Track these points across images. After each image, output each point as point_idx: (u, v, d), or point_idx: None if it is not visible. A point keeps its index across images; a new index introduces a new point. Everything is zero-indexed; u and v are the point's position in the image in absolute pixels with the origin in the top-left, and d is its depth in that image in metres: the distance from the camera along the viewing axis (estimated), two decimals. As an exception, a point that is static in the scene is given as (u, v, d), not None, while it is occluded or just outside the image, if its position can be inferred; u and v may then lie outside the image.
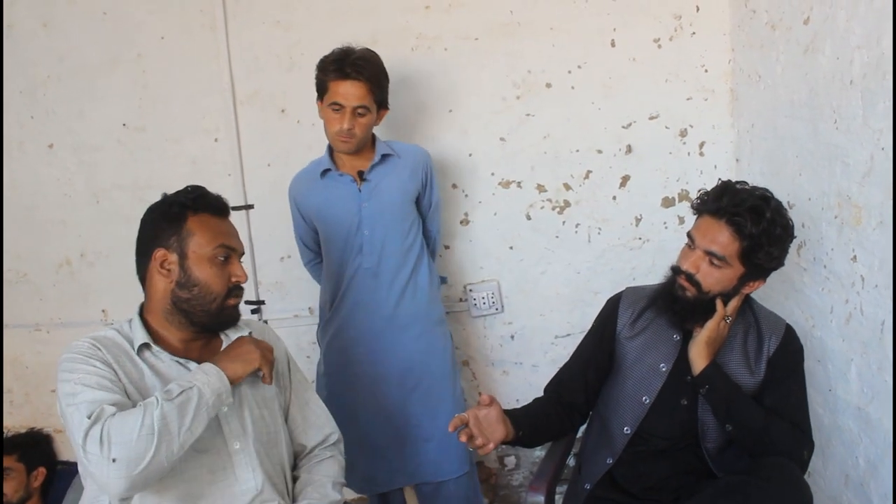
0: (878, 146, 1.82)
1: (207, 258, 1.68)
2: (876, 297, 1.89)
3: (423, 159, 2.54)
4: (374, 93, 2.32)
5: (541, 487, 1.97)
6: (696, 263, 1.86)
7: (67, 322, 3.15)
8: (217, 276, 1.69)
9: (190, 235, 1.67)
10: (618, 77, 2.83)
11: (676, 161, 2.86)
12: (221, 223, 1.73)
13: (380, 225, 2.43)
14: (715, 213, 1.84)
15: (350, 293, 2.47)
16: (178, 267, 1.67)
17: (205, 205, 1.71)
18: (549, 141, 2.89)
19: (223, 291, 1.70)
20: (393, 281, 2.46)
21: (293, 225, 2.62)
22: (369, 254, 2.43)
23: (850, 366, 2.06)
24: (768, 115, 2.50)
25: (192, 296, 1.68)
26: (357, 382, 2.49)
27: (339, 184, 2.43)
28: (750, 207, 1.80)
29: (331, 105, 2.31)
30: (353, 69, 2.27)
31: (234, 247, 1.73)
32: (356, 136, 2.34)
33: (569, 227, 2.95)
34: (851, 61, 1.92)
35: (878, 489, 1.96)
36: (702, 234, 1.86)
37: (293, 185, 2.56)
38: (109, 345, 1.65)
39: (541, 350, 3.07)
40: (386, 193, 2.43)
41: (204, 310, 1.69)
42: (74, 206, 3.04)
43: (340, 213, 2.43)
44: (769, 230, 1.79)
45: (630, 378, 2.03)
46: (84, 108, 2.96)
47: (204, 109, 2.91)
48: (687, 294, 1.88)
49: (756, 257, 1.81)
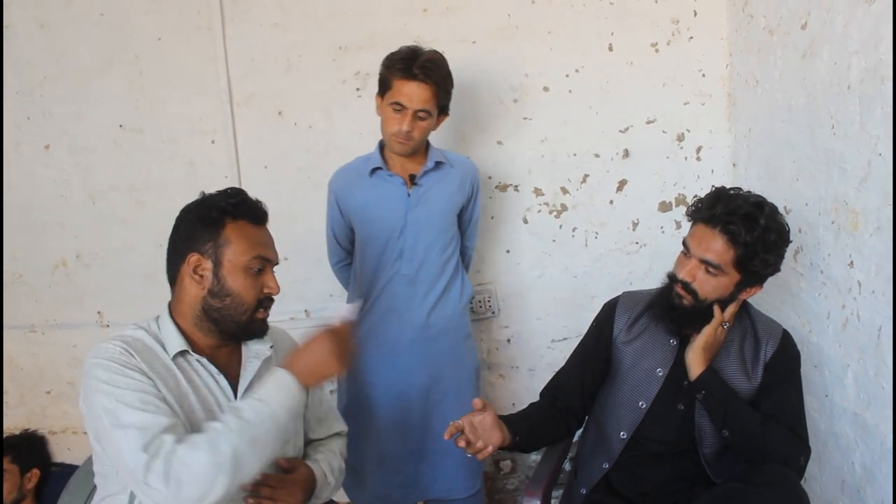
0: (875, 152, 1.82)
1: (242, 268, 1.63)
2: (873, 303, 1.89)
3: (473, 172, 2.51)
4: (438, 97, 2.26)
5: (537, 492, 1.97)
6: (693, 272, 1.85)
7: (63, 324, 3.13)
8: (250, 288, 1.64)
9: (227, 243, 1.62)
10: (615, 81, 2.83)
11: (674, 165, 2.86)
12: (260, 232, 1.69)
13: (424, 232, 2.37)
14: (709, 221, 1.83)
15: (383, 299, 2.41)
16: (211, 274, 1.63)
17: (245, 212, 1.66)
18: (547, 145, 2.89)
19: (254, 303, 1.66)
20: (429, 291, 2.40)
21: (328, 222, 2.55)
22: (409, 260, 2.37)
23: (846, 371, 2.05)
24: (766, 120, 2.51)
25: (224, 305, 1.63)
26: (380, 391, 2.44)
27: (389, 184, 2.37)
28: (744, 215, 1.79)
29: (392, 104, 2.24)
30: (421, 71, 2.20)
31: (270, 258, 1.69)
32: (414, 139, 2.28)
33: (566, 231, 2.95)
34: (849, 66, 1.92)
35: (875, 495, 1.96)
36: (697, 242, 1.85)
37: (336, 180, 2.47)
38: (141, 348, 1.60)
39: (537, 354, 3.07)
40: (434, 202, 2.38)
41: (234, 320, 1.65)
42: (70, 208, 3.03)
43: (385, 215, 2.36)
44: (764, 237, 1.78)
45: (626, 383, 2.02)
46: (81, 109, 2.94)
47: (201, 111, 2.90)
48: (684, 302, 1.88)
49: (752, 265, 1.81)
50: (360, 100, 2.86)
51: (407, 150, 2.31)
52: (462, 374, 2.50)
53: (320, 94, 2.86)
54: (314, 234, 2.95)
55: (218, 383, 1.67)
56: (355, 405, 2.47)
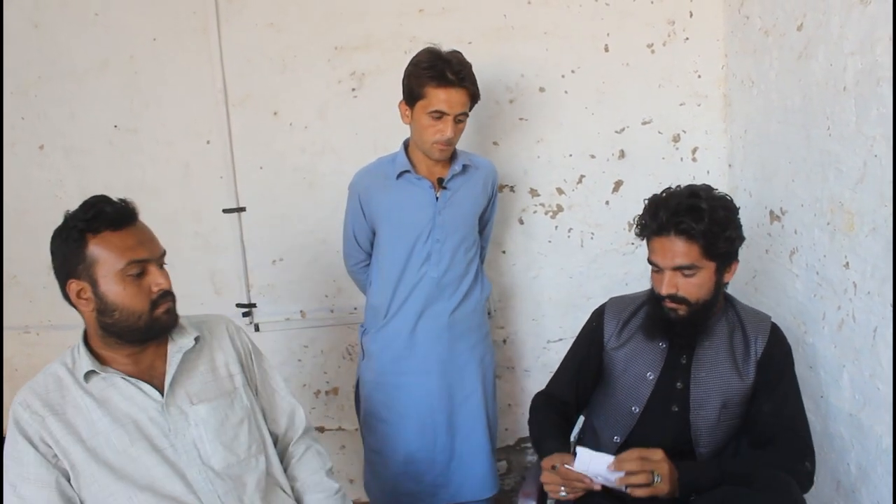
0: (871, 153, 1.83)
1: (118, 279, 1.59)
2: (868, 304, 1.89)
3: (494, 174, 2.51)
4: (472, 98, 2.27)
5: (533, 493, 1.97)
6: (672, 282, 1.86)
7: (57, 325, 3.12)
8: (134, 295, 1.61)
9: (95, 261, 1.58)
10: (611, 82, 2.83)
11: (669, 166, 2.86)
12: (126, 236, 1.61)
13: (451, 235, 2.36)
14: (660, 231, 1.85)
15: (412, 301, 2.39)
16: (92, 294, 1.60)
17: (103, 223, 1.59)
18: (543, 145, 2.89)
19: (147, 306, 1.63)
20: (454, 293, 2.41)
21: (348, 223, 2.50)
22: (437, 263, 2.36)
23: (842, 372, 2.06)
24: (761, 121, 2.51)
25: (115, 320, 1.61)
26: (404, 392, 2.43)
27: (417, 188, 2.35)
28: (686, 209, 1.81)
29: (431, 113, 2.21)
30: (456, 76, 2.18)
31: (144, 257, 1.62)
32: (453, 144, 2.29)
33: (561, 232, 2.95)
34: (845, 68, 1.92)
35: (870, 496, 1.96)
36: (661, 255, 1.86)
37: (360, 181, 2.43)
38: (51, 390, 1.63)
39: (533, 355, 3.07)
40: (461, 204, 2.38)
41: (132, 328, 1.63)
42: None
43: (414, 218, 2.35)
44: (714, 218, 1.80)
45: (619, 388, 2.03)
46: (75, 109, 2.93)
47: (196, 112, 2.89)
48: (680, 313, 1.88)
49: (718, 248, 1.82)
50: (355, 100, 2.85)
51: (447, 155, 2.31)
52: (487, 373, 2.52)
53: (316, 94, 2.86)
54: (309, 235, 2.96)
55: (141, 389, 1.67)
56: (381, 408, 2.46)
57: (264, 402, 1.89)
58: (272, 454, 1.85)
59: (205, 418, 1.71)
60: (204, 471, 1.68)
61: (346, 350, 3.06)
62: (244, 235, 2.97)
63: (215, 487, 1.68)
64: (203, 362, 1.79)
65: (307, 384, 3.10)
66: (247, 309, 3.01)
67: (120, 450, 1.62)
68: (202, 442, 1.70)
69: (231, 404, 1.78)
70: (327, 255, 2.95)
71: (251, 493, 1.74)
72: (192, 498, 1.66)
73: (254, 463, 1.78)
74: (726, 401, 1.93)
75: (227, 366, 1.83)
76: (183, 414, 1.70)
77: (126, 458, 1.62)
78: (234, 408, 1.78)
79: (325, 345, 3.07)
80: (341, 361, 3.09)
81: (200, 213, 2.95)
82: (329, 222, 2.88)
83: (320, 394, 3.12)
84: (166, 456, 1.66)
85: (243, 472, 1.74)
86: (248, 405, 1.82)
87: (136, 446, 1.63)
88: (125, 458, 1.62)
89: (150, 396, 1.68)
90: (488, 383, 2.53)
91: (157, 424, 1.67)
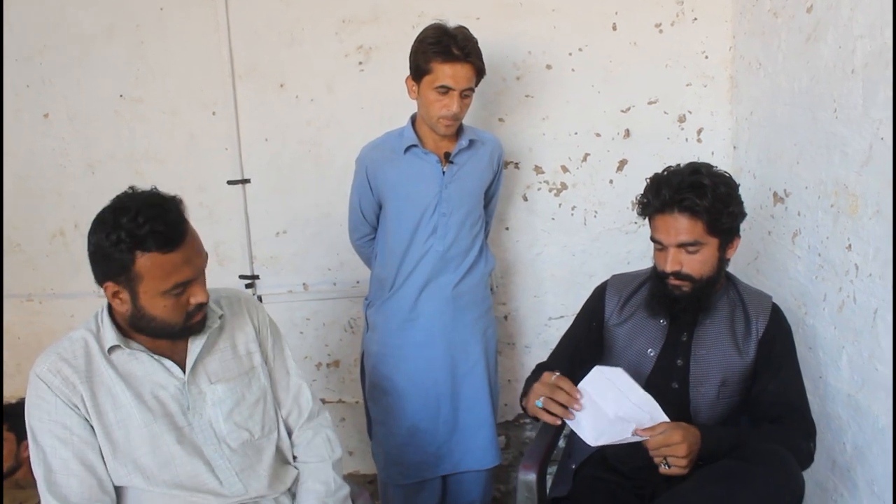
0: (877, 136, 1.83)
1: (161, 296, 1.57)
2: (869, 286, 1.91)
3: (499, 150, 2.53)
4: (479, 73, 2.28)
5: (533, 466, 1.99)
6: (677, 259, 1.87)
7: (60, 293, 3.14)
8: (173, 310, 1.60)
9: (140, 279, 1.54)
10: (618, 61, 2.83)
11: (674, 147, 2.87)
12: (174, 258, 1.55)
13: (456, 209, 2.38)
14: (663, 209, 1.86)
15: (417, 274, 2.42)
16: (130, 303, 1.58)
17: (154, 242, 1.52)
18: (548, 123, 2.89)
19: (182, 318, 1.62)
20: (459, 265, 2.44)
21: (354, 197, 2.51)
22: (443, 237, 2.38)
23: (841, 353, 2.07)
24: (767, 103, 2.51)
25: (149, 326, 1.61)
26: (410, 364, 2.46)
27: (424, 162, 2.37)
28: (689, 185, 1.83)
29: (437, 88, 2.23)
30: (461, 51, 2.19)
31: (189, 278, 1.59)
32: (459, 119, 2.31)
33: (565, 210, 2.96)
34: (853, 50, 1.93)
35: (865, 475, 1.98)
36: (664, 232, 1.87)
37: (367, 155, 2.44)
38: (79, 356, 1.63)
39: (534, 331, 3.09)
40: (467, 179, 2.40)
41: (166, 332, 1.64)
42: (69, 177, 3.02)
43: (421, 192, 2.37)
44: (716, 195, 1.82)
45: (619, 364, 2.03)
46: (80, 77, 2.93)
47: (202, 82, 2.89)
48: (684, 290, 1.90)
49: (721, 224, 1.84)
50: (362, 74, 2.85)
51: (453, 130, 2.33)
52: (489, 346, 2.55)
53: (322, 67, 2.86)
54: (313, 208, 2.97)
55: (164, 366, 1.68)
56: (384, 380, 2.49)
57: (273, 381, 1.89)
58: (283, 430, 1.86)
59: (222, 398, 1.73)
60: (220, 448, 1.71)
61: (349, 323, 3.08)
62: (248, 207, 2.99)
63: (232, 465, 1.71)
64: (224, 341, 1.79)
65: (309, 356, 3.12)
66: (249, 281, 3.02)
67: (142, 425, 1.64)
68: (217, 421, 1.71)
69: (248, 384, 1.79)
70: (331, 229, 2.96)
71: (266, 469, 1.76)
72: (210, 476, 1.69)
73: (267, 441, 1.80)
74: (726, 378, 1.95)
75: (247, 344, 1.83)
76: (202, 393, 1.71)
77: (147, 433, 1.64)
78: (251, 387, 1.80)
79: (327, 317, 3.09)
80: (343, 334, 3.11)
81: (205, 184, 2.96)
82: (333, 196, 2.89)
83: (321, 366, 3.15)
84: (185, 433, 1.68)
85: (258, 450, 1.77)
86: (265, 384, 1.84)
87: (158, 423, 1.65)
88: (146, 434, 1.64)
89: (172, 374, 1.69)
90: (491, 357, 2.56)
91: (177, 402, 1.69)
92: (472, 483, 2.59)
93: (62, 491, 1.58)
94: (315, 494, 1.81)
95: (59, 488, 1.58)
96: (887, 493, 1.87)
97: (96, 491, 1.60)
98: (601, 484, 1.99)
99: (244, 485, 1.71)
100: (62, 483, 1.58)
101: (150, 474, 1.64)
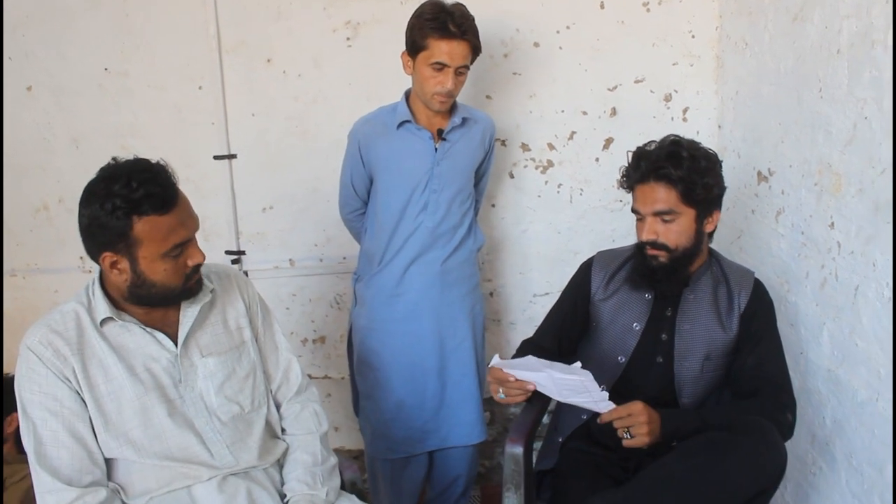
0: (861, 115, 1.86)
1: (160, 259, 1.58)
2: (851, 263, 1.94)
3: (492, 128, 2.54)
4: (474, 50, 2.28)
5: (519, 439, 2.00)
6: (653, 229, 1.92)
7: (44, 268, 3.12)
8: (173, 273, 1.61)
9: (138, 243, 1.55)
10: (605, 39, 2.84)
11: (660, 126, 2.88)
12: (171, 219, 1.57)
13: (447, 186, 2.39)
14: (642, 179, 1.92)
15: (406, 250, 2.42)
16: (130, 270, 1.59)
17: (150, 206, 1.53)
18: (535, 100, 2.90)
19: (181, 281, 1.64)
20: (448, 241, 2.44)
21: (346, 171, 2.50)
22: (433, 213, 2.39)
23: (822, 330, 2.11)
24: (753, 83, 2.53)
25: (150, 293, 1.62)
26: (398, 339, 2.47)
27: (417, 138, 2.37)
28: (666, 156, 1.88)
29: (433, 64, 2.23)
30: (458, 28, 2.19)
31: (186, 238, 1.62)
32: (454, 96, 2.31)
33: (551, 187, 2.97)
34: (840, 31, 1.95)
35: (843, 448, 2.03)
36: (642, 202, 1.93)
37: (360, 129, 2.44)
38: (70, 329, 1.63)
39: (519, 308, 3.11)
40: (460, 156, 2.41)
41: (165, 297, 1.65)
42: (53, 151, 3.00)
43: (412, 168, 2.38)
44: (693, 166, 1.87)
45: (605, 338, 2.08)
46: (64, 50, 2.90)
47: (188, 56, 2.87)
48: (661, 260, 1.94)
49: (696, 194, 1.88)
50: (349, 49, 2.84)
51: (447, 106, 2.33)
52: (477, 322, 2.57)
53: (310, 42, 2.84)
54: (300, 184, 2.96)
55: (156, 338, 1.69)
56: (372, 354, 2.50)
57: (262, 356, 1.91)
58: (272, 405, 1.88)
59: (213, 371, 1.74)
60: (211, 421, 1.72)
61: (335, 299, 3.09)
62: (235, 183, 2.98)
63: (223, 437, 1.72)
64: (214, 315, 1.80)
65: (295, 332, 3.13)
66: (236, 256, 3.02)
67: (133, 397, 1.64)
68: (209, 394, 1.73)
69: (239, 358, 1.81)
70: (317, 204, 2.96)
71: (256, 441, 1.78)
72: (202, 447, 1.70)
73: (257, 415, 1.81)
74: (709, 353, 1.98)
75: (237, 319, 1.84)
76: (193, 366, 1.73)
77: (139, 405, 1.65)
78: (241, 362, 1.81)
79: (313, 293, 3.10)
80: (329, 310, 3.11)
81: (191, 159, 2.94)
82: (320, 171, 2.89)
83: (307, 342, 3.16)
84: (176, 406, 1.69)
85: (248, 423, 1.78)
86: (255, 359, 1.85)
87: (149, 395, 1.66)
88: (138, 406, 1.64)
89: (164, 346, 1.70)
90: (478, 332, 2.58)
91: (169, 374, 1.70)
92: (458, 458, 2.62)
93: (52, 463, 1.58)
94: (303, 465, 1.82)
95: (50, 460, 1.58)
96: (865, 466, 1.92)
97: (87, 463, 1.61)
98: (587, 457, 2.02)
99: (235, 456, 1.73)
100: (52, 455, 1.58)
101: (141, 446, 1.65)
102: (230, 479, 1.72)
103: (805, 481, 2.26)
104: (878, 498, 1.86)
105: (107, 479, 1.65)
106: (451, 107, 2.38)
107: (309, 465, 1.83)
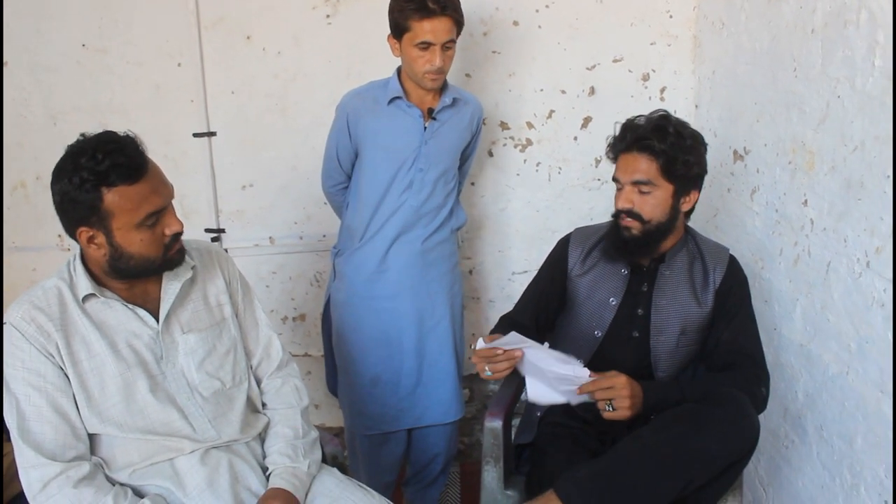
0: (834, 94, 1.89)
1: (135, 229, 1.58)
2: (823, 240, 1.98)
3: (479, 111, 2.54)
4: (458, 24, 2.28)
5: (499, 413, 2.04)
6: (629, 198, 1.95)
7: (22, 247, 3.10)
8: (150, 243, 1.61)
9: (111, 215, 1.55)
10: (584, 18, 2.85)
11: (637, 105, 2.90)
12: (141, 188, 1.57)
13: (434, 166, 2.39)
14: (626, 149, 1.96)
15: (389, 227, 2.43)
16: (106, 244, 1.59)
17: (118, 176, 1.53)
18: (514, 79, 2.91)
19: (161, 251, 1.64)
20: (431, 221, 2.45)
21: (331, 144, 2.48)
22: (418, 192, 2.39)
23: (795, 305, 2.16)
24: (729, 63, 2.56)
25: (129, 265, 1.62)
26: (375, 315, 2.49)
27: (407, 116, 2.37)
28: (653, 129, 1.92)
29: (419, 44, 2.22)
30: (438, 5, 2.18)
31: (160, 206, 1.61)
32: (444, 72, 2.30)
33: (530, 166, 2.99)
34: (814, 10, 1.97)
35: (814, 421, 2.08)
36: (622, 170, 1.97)
37: (349, 102, 2.42)
38: (53, 305, 1.63)
39: (497, 286, 3.14)
40: (447, 137, 2.41)
41: (145, 268, 1.65)
42: (30, 128, 2.97)
43: (400, 145, 2.37)
44: (677, 142, 1.90)
45: (582, 313, 2.11)
46: (41, 25, 2.86)
47: (167, 33, 2.85)
48: (633, 232, 1.97)
49: (676, 170, 1.91)
50: (329, 27, 2.83)
51: (440, 83, 2.33)
52: (455, 301, 2.58)
53: (290, 20, 2.83)
54: (280, 161, 2.96)
55: (137, 315, 1.69)
56: (351, 330, 2.51)
57: (243, 332, 1.91)
58: (253, 381, 1.89)
59: (193, 348, 1.75)
60: (193, 397, 1.73)
61: (315, 277, 3.10)
62: (214, 160, 2.97)
63: (205, 412, 1.74)
64: (195, 292, 1.81)
65: (275, 310, 3.14)
66: (215, 234, 3.02)
67: (116, 373, 1.65)
68: (190, 370, 1.74)
69: (220, 334, 1.82)
70: (297, 182, 2.96)
71: (238, 416, 1.79)
72: (184, 422, 1.71)
73: (238, 390, 1.83)
74: (685, 327, 2.02)
75: (217, 296, 1.85)
76: (174, 342, 1.73)
77: (122, 381, 1.65)
78: (222, 338, 1.82)
79: (293, 271, 3.11)
80: (309, 288, 3.13)
81: (170, 136, 2.93)
82: (300, 149, 2.89)
83: (287, 320, 3.17)
84: (158, 382, 1.70)
85: (230, 398, 1.80)
86: (235, 335, 1.86)
87: (132, 371, 1.67)
88: (120, 382, 1.65)
89: (145, 323, 1.70)
90: (456, 311, 2.60)
91: (150, 350, 1.70)
92: (436, 437, 2.64)
93: (35, 438, 1.58)
94: (284, 438, 1.84)
95: (33, 435, 1.58)
96: (835, 438, 1.97)
97: (70, 438, 1.61)
98: (565, 430, 2.06)
99: (217, 431, 1.75)
100: (35, 430, 1.59)
101: (124, 422, 1.66)
102: (212, 452, 1.74)
103: (778, 454, 2.31)
104: (848, 469, 1.91)
105: (90, 454, 1.66)
106: (442, 86, 2.39)
107: (290, 439, 1.84)
